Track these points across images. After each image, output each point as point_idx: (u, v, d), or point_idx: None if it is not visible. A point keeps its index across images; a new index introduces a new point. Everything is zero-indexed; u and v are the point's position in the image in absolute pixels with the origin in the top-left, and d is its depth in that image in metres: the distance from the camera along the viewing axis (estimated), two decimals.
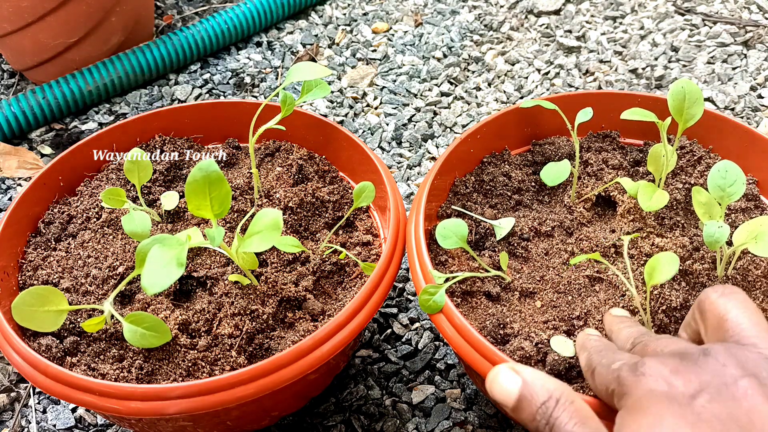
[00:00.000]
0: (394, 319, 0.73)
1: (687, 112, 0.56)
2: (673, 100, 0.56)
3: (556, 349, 0.51)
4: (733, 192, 0.54)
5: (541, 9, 1.17)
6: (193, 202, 0.50)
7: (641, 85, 1.01)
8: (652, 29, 1.11)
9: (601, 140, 0.69)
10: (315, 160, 0.69)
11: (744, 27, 1.09)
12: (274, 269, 0.59)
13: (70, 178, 0.67)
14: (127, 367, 0.51)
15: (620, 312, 0.52)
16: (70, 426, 0.65)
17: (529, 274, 0.58)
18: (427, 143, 0.94)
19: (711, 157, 0.65)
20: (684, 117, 0.57)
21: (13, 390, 0.68)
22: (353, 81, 1.05)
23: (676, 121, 0.57)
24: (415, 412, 0.65)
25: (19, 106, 0.96)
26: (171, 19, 1.19)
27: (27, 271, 0.59)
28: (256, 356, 0.53)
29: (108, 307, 0.52)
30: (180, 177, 0.69)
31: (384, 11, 1.20)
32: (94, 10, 0.97)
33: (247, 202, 0.64)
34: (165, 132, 0.72)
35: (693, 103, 0.56)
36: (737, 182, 0.54)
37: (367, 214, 0.67)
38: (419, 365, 0.69)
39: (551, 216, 0.63)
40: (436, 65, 1.07)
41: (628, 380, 0.40)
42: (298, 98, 0.63)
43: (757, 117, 0.94)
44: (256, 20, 1.13)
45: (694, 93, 0.56)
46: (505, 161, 0.68)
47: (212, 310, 0.55)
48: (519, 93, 1.02)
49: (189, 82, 1.06)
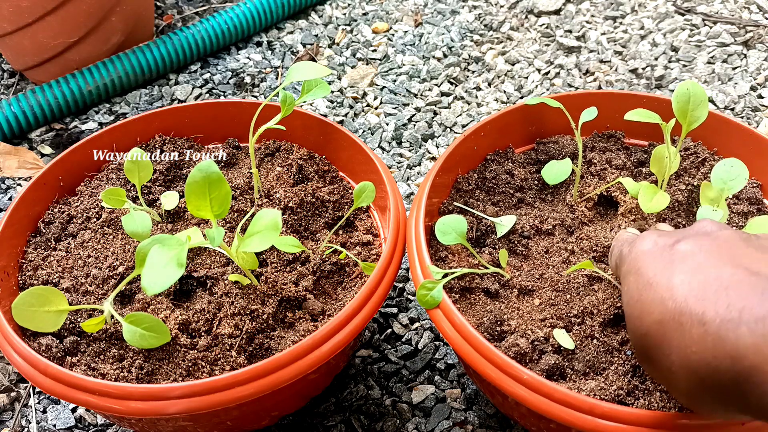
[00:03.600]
0: (394, 319, 0.73)
1: (691, 114, 0.56)
2: (678, 102, 0.56)
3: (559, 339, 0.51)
4: (734, 186, 0.55)
5: (541, 9, 1.17)
6: (193, 203, 0.50)
7: (641, 85, 1.01)
8: (652, 29, 1.11)
9: (605, 140, 0.69)
10: (315, 160, 0.69)
11: (744, 27, 1.09)
12: (274, 269, 0.59)
13: (70, 178, 0.67)
14: (127, 367, 0.51)
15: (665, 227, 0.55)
16: (70, 426, 0.65)
17: (529, 272, 0.58)
18: (427, 143, 0.94)
19: (715, 159, 0.65)
20: (688, 119, 0.57)
21: (13, 390, 0.68)
22: (353, 81, 1.05)
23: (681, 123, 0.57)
24: (415, 412, 0.65)
25: (19, 106, 0.96)
26: (171, 19, 1.19)
27: (27, 271, 0.59)
28: (256, 356, 0.53)
29: (108, 307, 0.52)
30: (180, 177, 0.69)
31: (384, 11, 1.20)
32: (94, 10, 0.97)
33: (247, 202, 0.64)
34: (165, 132, 0.72)
35: (697, 106, 0.56)
36: (740, 177, 0.55)
37: (367, 214, 0.67)
38: (419, 365, 0.69)
39: (553, 214, 0.63)
40: (436, 65, 1.07)
41: (625, 251, 0.44)
42: (298, 98, 0.63)
43: (757, 117, 0.94)
44: (256, 20, 1.13)
45: (699, 95, 0.56)
46: (508, 159, 0.68)
47: (212, 310, 0.55)
48: (519, 93, 1.02)
49: (189, 82, 1.06)
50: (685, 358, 0.35)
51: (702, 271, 0.36)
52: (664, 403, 0.48)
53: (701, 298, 0.34)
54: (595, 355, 0.51)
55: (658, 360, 0.38)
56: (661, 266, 0.38)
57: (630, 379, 0.49)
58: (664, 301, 0.36)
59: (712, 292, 0.34)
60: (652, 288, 0.38)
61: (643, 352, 0.39)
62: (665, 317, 0.36)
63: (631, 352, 0.51)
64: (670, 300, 0.36)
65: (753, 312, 0.32)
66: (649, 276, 0.38)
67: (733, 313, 0.32)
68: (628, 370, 0.50)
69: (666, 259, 0.38)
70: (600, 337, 0.52)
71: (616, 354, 0.51)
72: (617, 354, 0.51)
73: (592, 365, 0.51)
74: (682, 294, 0.35)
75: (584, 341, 0.52)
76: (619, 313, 0.53)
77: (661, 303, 0.36)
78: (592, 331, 0.53)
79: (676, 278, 0.36)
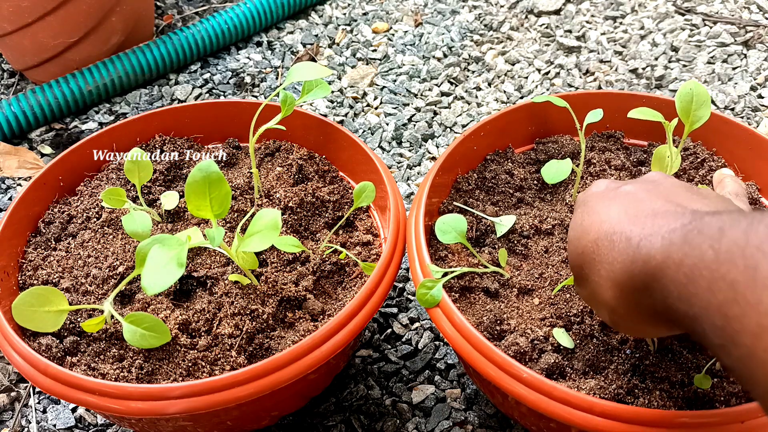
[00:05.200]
0: (394, 318, 0.73)
1: (694, 114, 0.57)
2: (681, 101, 0.57)
3: (558, 339, 0.51)
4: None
5: (541, 9, 1.17)
6: (193, 203, 0.50)
7: (641, 85, 1.01)
8: (652, 29, 1.11)
9: (605, 140, 0.69)
10: (315, 160, 0.69)
11: (744, 27, 1.09)
12: (274, 269, 0.59)
13: (70, 178, 0.67)
14: (127, 367, 0.51)
15: None
16: (70, 426, 0.65)
17: (528, 271, 0.58)
18: (427, 143, 0.94)
19: (714, 159, 0.65)
20: (691, 119, 0.57)
21: (13, 390, 0.68)
22: (353, 81, 1.05)
23: (683, 123, 0.57)
24: (415, 411, 0.65)
25: (19, 106, 0.96)
26: (171, 19, 1.19)
27: (27, 271, 0.59)
28: (256, 356, 0.53)
29: (108, 307, 0.52)
30: (180, 177, 0.69)
31: (384, 11, 1.20)
32: (94, 10, 0.97)
33: (247, 202, 0.64)
34: (165, 132, 0.72)
35: (700, 105, 0.57)
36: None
37: (367, 214, 0.67)
38: (419, 365, 0.69)
39: (552, 214, 0.63)
40: (436, 65, 1.07)
41: (580, 195, 0.48)
42: (299, 98, 0.63)
43: (757, 117, 0.94)
44: (256, 20, 1.13)
45: (702, 95, 0.57)
46: (508, 159, 0.68)
47: (212, 310, 0.55)
48: (519, 93, 1.02)
49: (189, 82, 1.06)
50: (611, 270, 0.40)
51: (638, 203, 0.41)
52: (663, 401, 0.48)
53: (632, 222, 0.39)
54: (595, 354, 0.51)
55: (589, 276, 0.42)
56: (606, 201, 0.43)
57: (629, 378, 0.49)
58: (601, 223, 0.41)
59: (642, 217, 0.39)
60: (593, 214, 0.43)
61: (578, 271, 0.44)
62: (600, 236, 0.41)
63: (630, 351, 0.51)
64: (606, 222, 0.41)
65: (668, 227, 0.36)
66: (593, 207, 0.44)
67: (654, 228, 0.37)
68: (628, 369, 0.50)
69: (610, 196, 0.44)
70: (599, 337, 0.52)
71: (616, 353, 0.51)
72: (617, 353, 0.51)
73: (592, 364, 0.51)
74: (617, 218, 0.41)
75: (584, 340, 0.52)
76: None
77: (599, 225, 0.42)
78: (591, 330, 0.53)
79: (615, 208, 0.42)
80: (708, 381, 0.49)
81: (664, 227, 0.36)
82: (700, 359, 0.51)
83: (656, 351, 0.51)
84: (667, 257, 0.35)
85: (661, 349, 0.51)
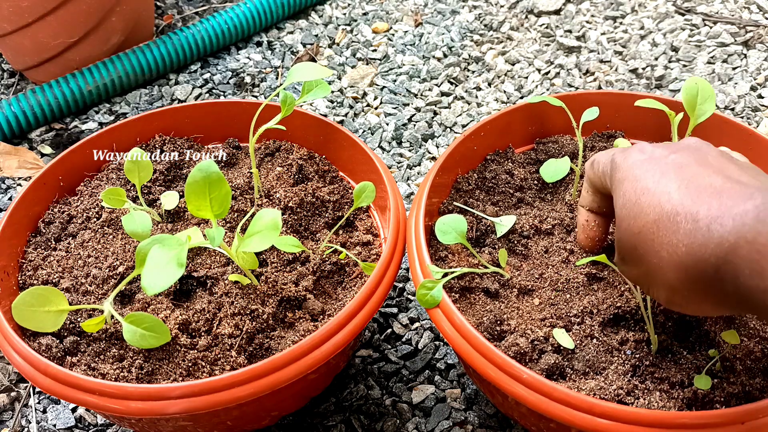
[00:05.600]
0: (394, 318, 0.73)
1: (699, 108, 0.58)
2: (687, 95, 0.58)
3: (558, 339, 0.51)
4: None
5: (541, 9, 1.17)
6: (193, 203, 0.50)
7: (641, 85, 1.01)
8: (652, 29, 1.11)
9: (605, 140, 0.69)
10: (315, 160, 0.69)
11: (744, 27, 1.09)
12: (274, 269, 0.59)
13: (70, 178, 0.67)
14: (127, 367, 0.51)
15: None
16: (70, 426, 0.65)
17: (529, 271, 0.58)
18: (427, 143, 0.94)
19: None
20: (696, 112, 0.58)
21: (13, 390, 0.68)
22: (353, 81, 1.05)
23: (688, 117, 0.58)
24: (415, 411, 0.65)
25: (19, 105, 0.96)
26: (171, 19, 1.19)
27: (27, 271, 0.59)
28: (256, 356, 0.53)
29: (108, 307, 0.52)
30: (180, 177, 0.69)
31: (384, 11, 1.20)
32: (94, 10, 0.97)
33: (247, 202, 0.64)
34: (165, 132, 0.72)
35: (705, 100, 0.58)
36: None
37: (367, 214, 0.67)
38: (419, 365, 0.69)
39: (552, 214, 0.63)
40: (436, 65, 1.07)
41: (618, 159, 0.47)
42: (299, 98, 0.63)
43: (757, 117, 0.94)
44: (256, 20, 1.13)
45: (706, 90, 0.58)
46: (508, 159, 0.68)
47: (212, 310, 0.55)
48: (519, 93, 1.02)
49: (189, 82, 1.06)
50: (674, 253, 0.39)
51: (697, 179, 0.40)
52: (663, 402, 0.48)
53: (696, 201, 0.39)
54: (595, 354, 0.51)
55: (647, 257, 0.42)
56: (658, 174, 0.42)
57: (630, 378, 0.49)
58: (661, 203, 0.41)
59: (705, 196, 0.39)
60: (650, 192, 0.42)
61: (632, 251, 0.43)
62: (661, 217, 0.40)
63: (630, 352, 0.51)
64: (668, 203, 0.40)
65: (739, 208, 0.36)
66: (647, 182, 0.42)
67: (723, 209, 0.37)
68: (628, 369, 0.50)
69: (662, 168, 0.43)
70: (600, 337, 0.52)
71: (616, 353, 0.51)
72: (617, 353, 0.51)
73: (592, 365, 0.51)
74: (678, 197, 0.40)
75: (584, 341, 0.52)
76: (618, 313, 0.53)
77: (659, 205, 0.41)
78: (591, 330, 0.53)
79: (673, 184, 0.41)
80: (708, 381, 0.48)
81: (733, 208, 0.37)
82: (700, 359, 0.51)
83: (656, 351, 0.51)
84: (740, 237, 0.35)
85: (661, 350, 0.51)
